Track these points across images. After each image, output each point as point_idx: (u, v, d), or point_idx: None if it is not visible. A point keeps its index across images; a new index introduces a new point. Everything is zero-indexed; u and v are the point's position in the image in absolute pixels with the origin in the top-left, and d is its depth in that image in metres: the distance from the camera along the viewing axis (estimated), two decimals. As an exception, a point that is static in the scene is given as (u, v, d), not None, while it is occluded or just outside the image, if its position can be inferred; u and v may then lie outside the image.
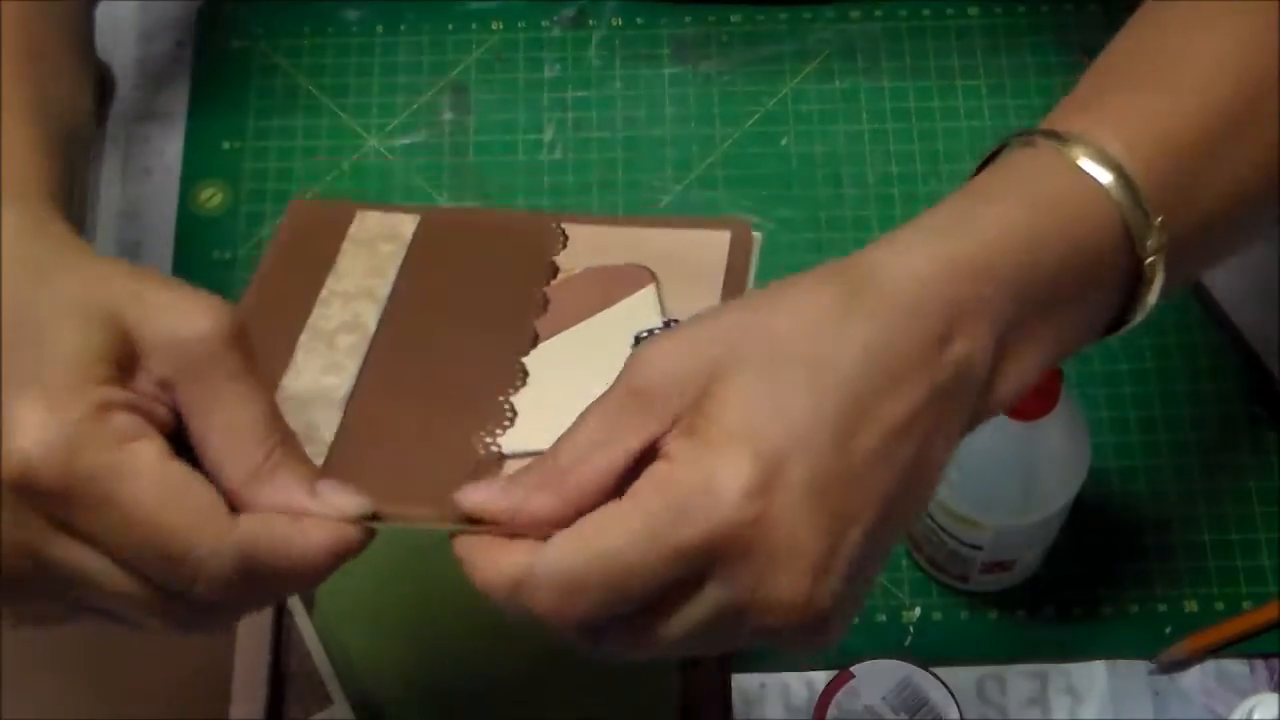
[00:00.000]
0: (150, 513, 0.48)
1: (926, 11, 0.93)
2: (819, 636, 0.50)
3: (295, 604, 0.75)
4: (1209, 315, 0.84)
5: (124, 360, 0.49)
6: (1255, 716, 0.72)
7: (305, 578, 0.51)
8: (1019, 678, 0.77)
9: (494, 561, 0.52)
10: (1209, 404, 0.82)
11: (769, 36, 0.93)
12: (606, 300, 0.63)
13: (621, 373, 0.51)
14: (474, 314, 0.64)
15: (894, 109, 0.90)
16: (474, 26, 0.93)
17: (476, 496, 0.52)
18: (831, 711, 0.72)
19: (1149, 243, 0.54)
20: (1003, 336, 0.52)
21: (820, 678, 0.76)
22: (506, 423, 0.60)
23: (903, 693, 0.73)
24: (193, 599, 0.50)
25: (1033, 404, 0.65)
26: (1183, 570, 0.79)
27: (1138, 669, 0.77)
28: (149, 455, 0.48)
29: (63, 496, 0.47)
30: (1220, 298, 0.83)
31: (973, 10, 0.93)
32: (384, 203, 0.86)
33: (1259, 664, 0.77)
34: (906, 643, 0.78)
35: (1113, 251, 0.54)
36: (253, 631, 0.74)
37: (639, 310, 0.63)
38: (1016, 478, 0.70)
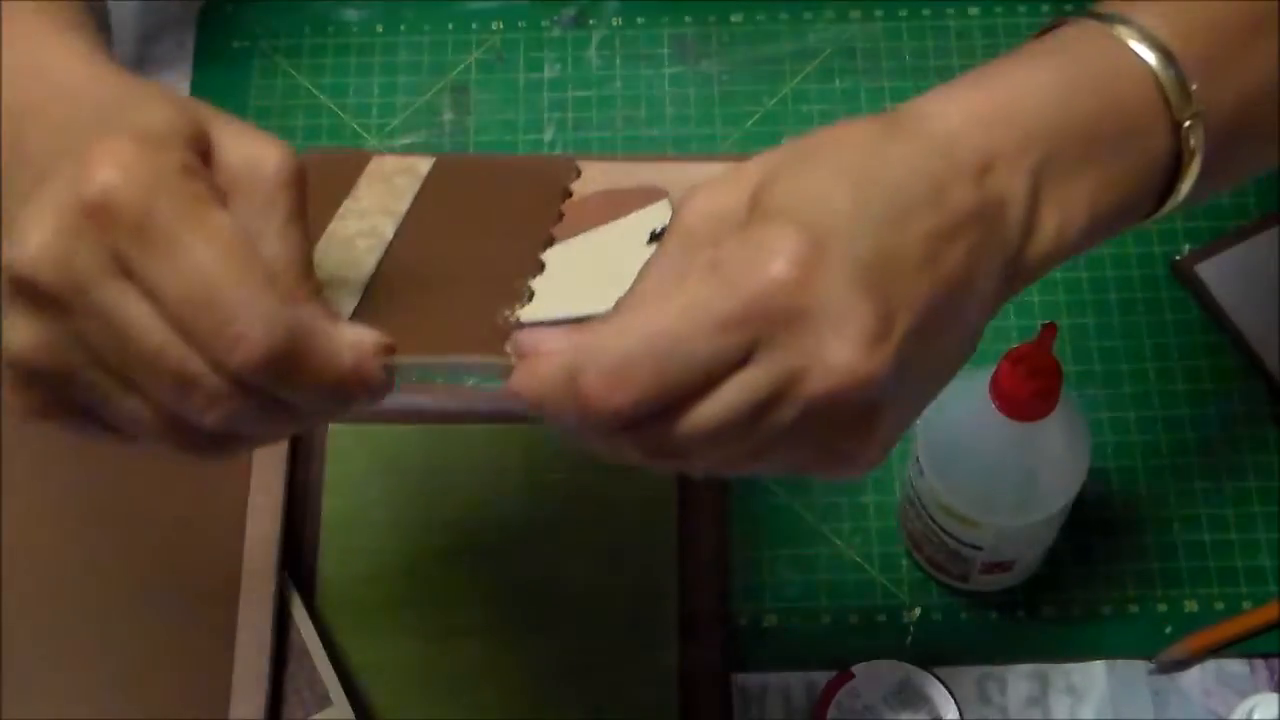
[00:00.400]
0: (214, 268, 0.47)
1: (926, 11, 0.93)
2: (864, 433, 0.50)
3: (295, 604, 0.75)
4: (1209, 315, 0.84)
5: (203, 159, 0.50)
6: (1255, 716, 0.72)
7: (324, 393, 0.50)
8: (1019, 678, 0.77)
9: (548, 354, 0.50)
10: (1209, 404, 0.82)
11: (769, 36, 0.93)
12: (619, 211, 0.63)
13: (671, 222, 0.51)
14: (490, 226, 0.63)
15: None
16: (474, 26, 0.93)
17: (536, 337, 0.50)
18: (831, 711, 0.72)
19: (1186, 110, 0.55)
20: (1038, 178, 0.52)
21: (820, 678, 0.76)
22: (526, 301, 0.59)
23: (903, 693, 0.73)
24: (215, 393, 0.49)
25: (1033, 404, 0.65)
26: (1183, 570, 0.79)
27: (1138, 669, 0.77)
28: (224, 220, 0.48)
29: (136, 229, 0.47)
30: (1220, 298, 0.83)
31: (973, 10, 0.93)
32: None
33: (1259, 664, 0.77)
34: (906, 643, 0.78)
35: (1149, 113, 0.55)
36: (253, 631, 0.74)
37: (654, 215, 0.62)
38: (1016, 478, 0.70)
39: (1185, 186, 0.57)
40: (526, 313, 0.58)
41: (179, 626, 0.75)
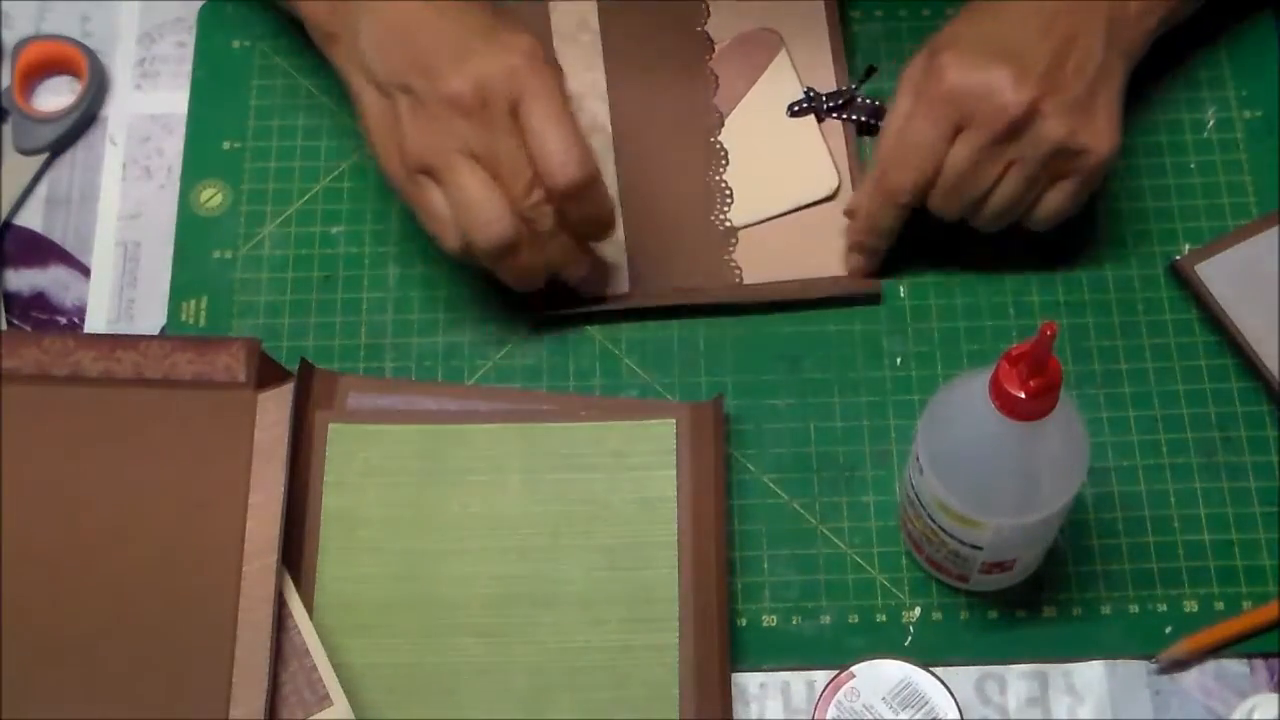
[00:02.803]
0: (570, 126, 0.76)
1: (926, 11, 0.93)
2: (1068, 125, 0.78)
3: (295, 604, 0.75)
4: (1208, 315, 0.84)
5: None
6: (1255, 716, 0.73)
7: (597, 223, 0.80)
8: (1019, 678, 0.77)
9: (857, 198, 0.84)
10: (1209, 404, 0.82)
11: (769, 36, 0.93)
12: (755, 68, 0.90)
13: (920, 90, 0.80)
14: (672, 103, 0.89)
15: (894, 109, 0.90)
16: (474, 26, 0.93)
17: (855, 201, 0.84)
18: (831, 711, 0.72)
19: None
20: None
21: (820, 677, 0.76)
22: (729, 201, 0.87)
23: (903, 693, 0.73)
24: (543, 204, 0.76)
25: (1033, 404, 0.65)
26: (1183, 570, 0.79)
27: (1138, 669, 0.77)
28: (566, 98, 0.78)
29: (534, 89, 0.76)
30: (1219, 298, 0.83)
31: (973, 10, 0.93)
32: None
33: (1259, 664, 0.77)
34: (906, 643, 0.78)
35: None
36: (253, 631, 0.74)
37: (781, 79, 0.90)
38: (1016, 478, 0.70)
39: None
40: (736, 216, 0.86)
41: (179, 626, 0.75)
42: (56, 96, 0.93)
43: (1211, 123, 0.90)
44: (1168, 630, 0.78)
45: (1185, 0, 0.84)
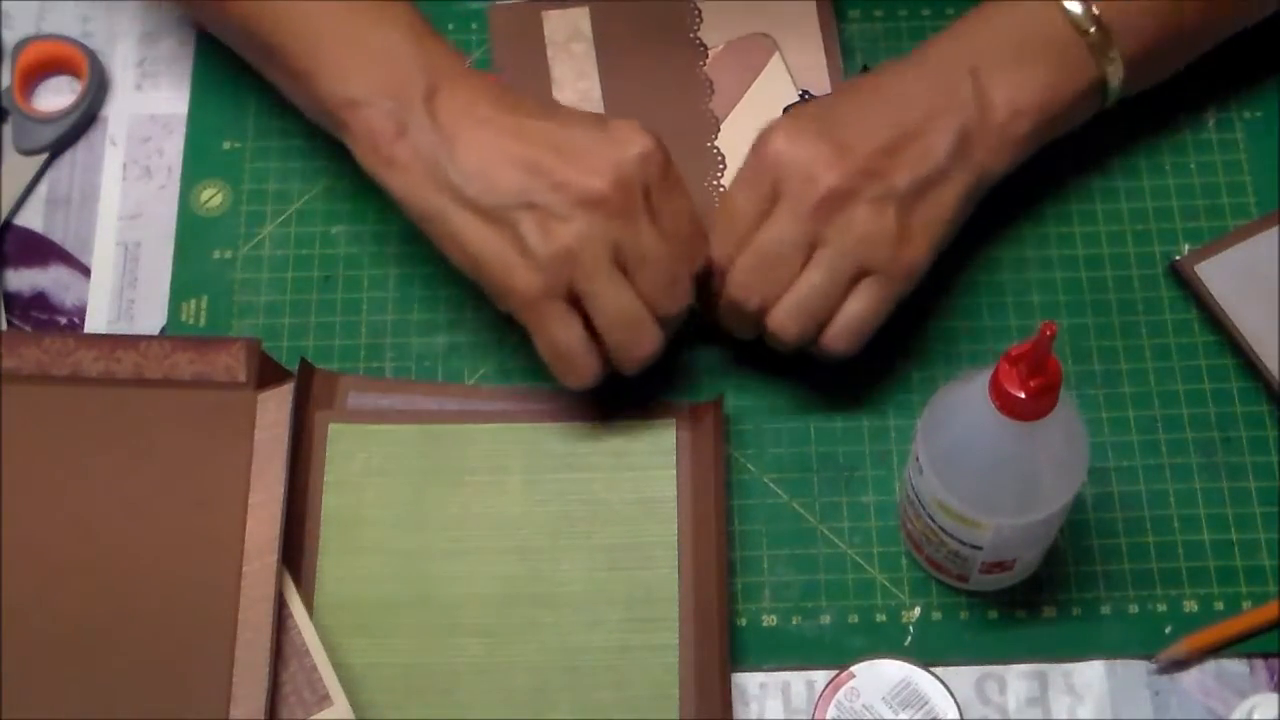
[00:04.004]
0: (692, 203, 0.77)
1: (926, 11, 0.93)
2: (874, 224, 0.75)
3: (295, 604, 0.75)
4: (1208, 315, 0.84)
5: None
6: (1255, 716, 0.73)
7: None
8: (1019, 678, 0.77)
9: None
10: (1209, 404, 0.83)
11: (769, 36, 0.93)
12: (750, 73, 0.90)
13: (749, 156, 0.77)
14: (667, 110, 0.88)
15: (894, 109, 0.90)
16: (474, 26, 0.93)
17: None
18: (831, 711, 0.72)
19: (1104, 44, 0.79)
20: (976, 71, 0.78)
21: (820, 677, 0.76)
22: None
23: (903, 693, 0.73)
24: (685, 288, 0.76)
25: (1032, 404, 0.65)
26: (1183, 570, 0.79)
27: (1137, 669, 0.77)
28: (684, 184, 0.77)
29: (663, 171, 0.75)
30: (1219, 298, 0.83)
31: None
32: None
33: (1259, 664, 0.77)
34: (906, 643, 0.78)
35: (1071, 40, 0.79)
36: (253, 631, 0.74)
37: (776, 82, 0.89)
38: (1016, 478, 0.70)
39: (1112, 90, 0.81)
40: None
41: (179, 626, 0.75)
42: (56, 96, 0.93)
43: (1211, 123, 0.90)
44: (1167, 630, 0.78)
45: (1065, 110, 0.80)
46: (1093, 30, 0.79)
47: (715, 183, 0.87)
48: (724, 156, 0.88)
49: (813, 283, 0.75)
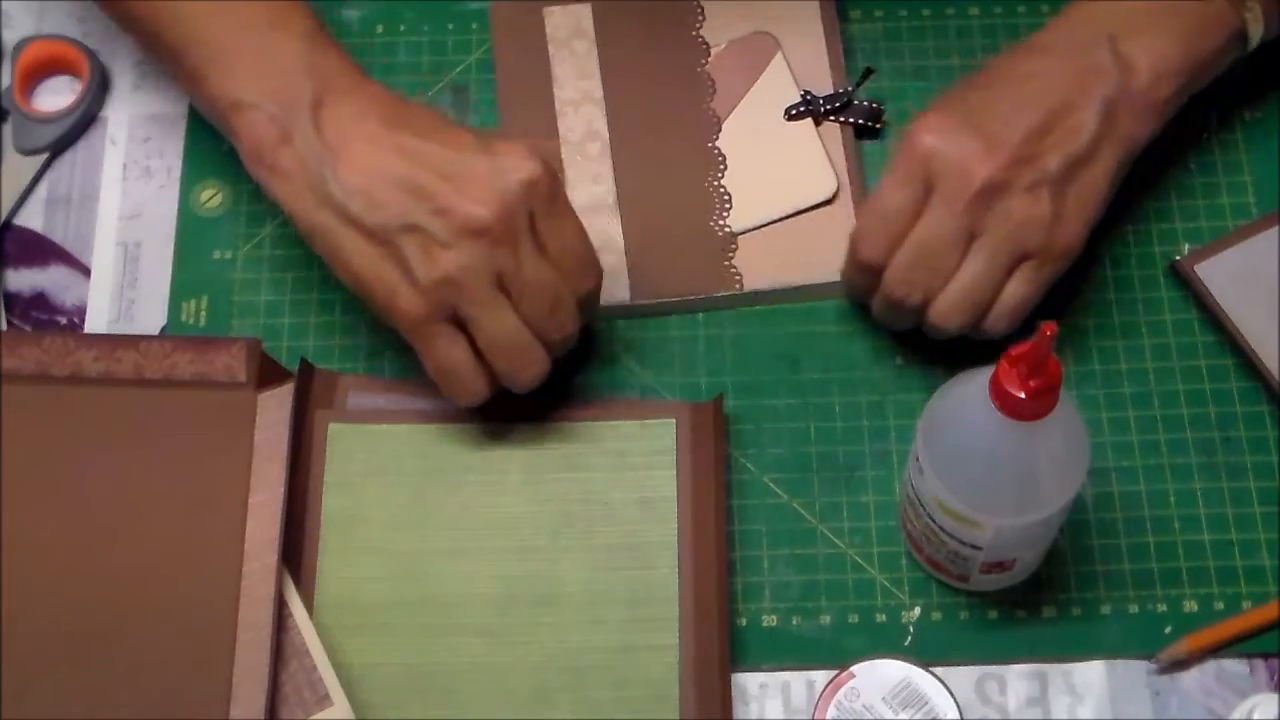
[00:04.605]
0: (581, 225, 0.76)
1: (926, 11, 0.93)
2: (1032, 208, 0.75)
3: (295, 604, 0.75)
4: (1208, 315, 0.84)
5: None
6: (1255, 716, 0.72)
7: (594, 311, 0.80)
8: (1019, 678, 0.77)
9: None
10: (1209, 404, 0.82)
11: (769, 36, 0.93)
12: (752, 72, 0.89)
13: (897, 153, 0.77)
14: (669, 109, 0.89)
15: (894, 109, 0.90)
16: (474, 26, 0.93)
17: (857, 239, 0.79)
18: (831, 711, 0.72)
19: None
20: (1114, 37, 0.78)
21: (820, 677, 0.76)
22: (728, 206, 0.86)
23: (903, 693, 0.73)
24: (570, 310, 0.75)
25: (1032, 404, 0.65)
26: (1183, 570, 0.79)
27: (1137, 669, 0.77)
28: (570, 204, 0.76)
29: (549, 197, 0.74)
30: (1219, 298, 0.83)
31: (973, 10, 0.93)
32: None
33: (1259, 664, 0.77)
34: (906, 643, 0.78)
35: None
36: (253, 631, 0.74)
37: (778, 82, 0.89)
38: (1016, 478, 0.70)
39: (1254, 37, 0.81)
40: (736, 222, 0.86)
41: (179, 626, 0.75)
42: (56, 96, 0.93)
43: (1211, 123, 0.90)
44: (1167, 630, 0.78)
45: (1207, 67, 0.81)
46: None
47: (716, 183, 0.87)
48: (725, 156, 0.87)
49: (975, 273, 0.76)
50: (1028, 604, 0.78)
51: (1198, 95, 0.87)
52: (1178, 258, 0.85)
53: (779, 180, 0.87)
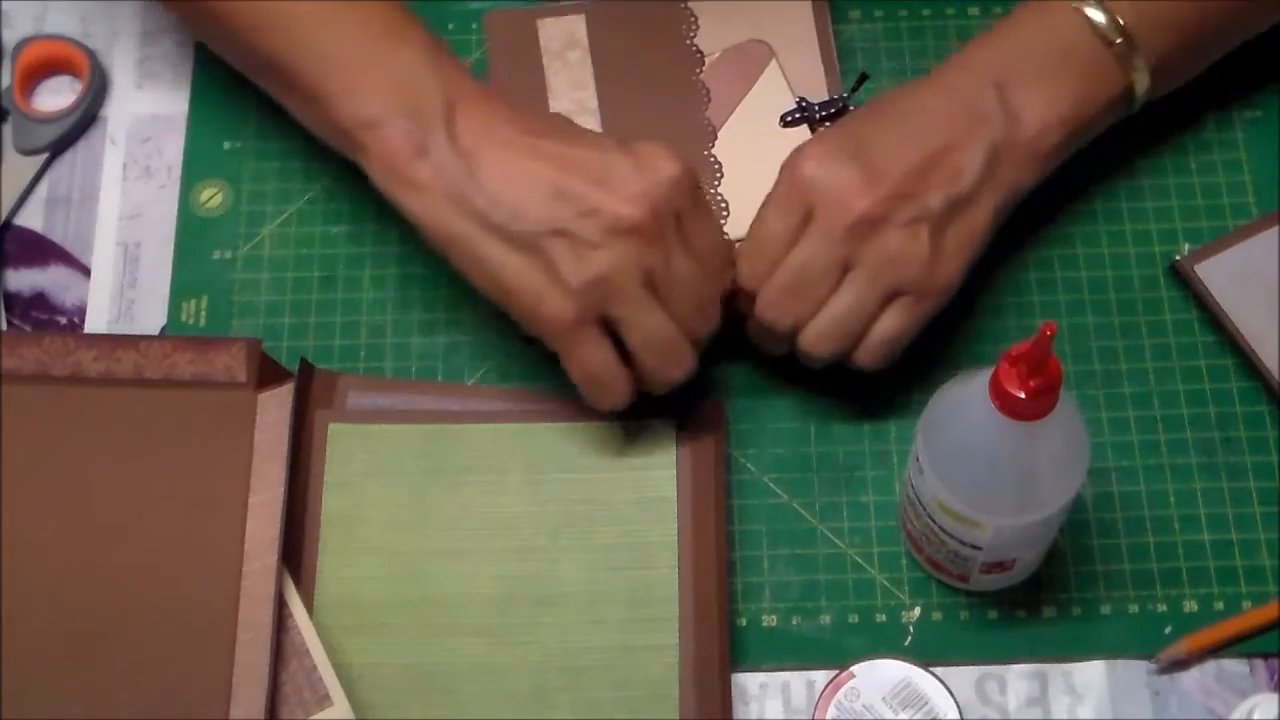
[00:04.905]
0: (720, 227, 0.78)
1: (926, 11, 0.93)
2: (908, 245, 0.75)
3: (295, 604, 0.75)
4: (1208, 315, 0.84)
5: None
6: (1255, 716, 0.73)
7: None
8: (1019, 678, 0.77)
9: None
10: (1208, 404, 0.83)
11: (769, 36, 0.93)
12: (746, 80, 0.89)
13: (780, 179, 0.77)
14: (664, 119, 0.88)
15: (894, 109, 0.90)
16: (474, 26, 0.93)
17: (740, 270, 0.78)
18: (831, 711, 0.72)
19: (1130, 51, 0.79)
20: (1002, 85, 0.78)
21: (820, 677, 0.76)
22: (725, 214, 0.86)
23: (903, 693, 0.73)
24: (715, 309, 0.77)
25: (1032, 404, 0.65)
26: (1183, 570, 0.79)
27: (1137, 669, 0.77)
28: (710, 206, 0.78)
29: (693, 195, 0.75)
30: (1219, 298, 0.83)
31: (973, 10, 0.93)
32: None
33: (1259, 664, 0.77)
34: (906, 643, 0.78)
35: (1095, 49, 0.79)
36: (253, 631, 0.74)
37: (773, 90, 0.89)
38: (1016, 478, 0.70)
39: (1139, 97, 0.82)
40: (733, 229, 0.84)
41: (179, 626, 0.75)
42: (56, 96, 0.93)
43: (1211, 123, 0.90)
44: (1167, 630, 0.78)
45: (1093, 121, 0.81)
46: (1119, 40, 0.79)
47: (713, 192, 0.86)
48: (721, 165, 0.87)
49: (846, 303, 0.75)
50: (1028, 604, 0.78)
51: (1196, 94, 0.87)
52: (1178, 258, 0.85)
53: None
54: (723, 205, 0.86)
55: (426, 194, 0.74)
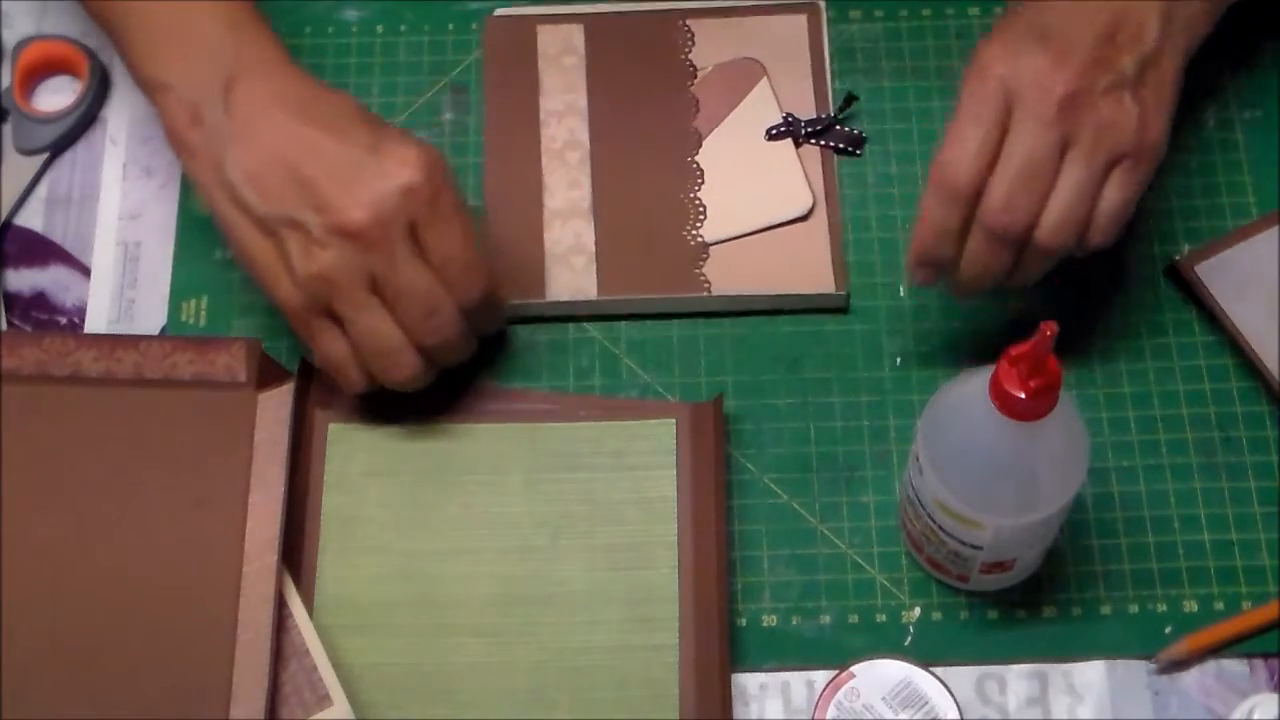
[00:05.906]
0: (470, 232, 0.75)
1: (926, 11, 0.93)
2: (1112, 109, 0.74)
3: (295, 604, 0.75)
4: (1208, 316, 0.84)
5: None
6: (1255, 716, 0.73)
7: (495, 319, 0.81)
8: (1019, 678, 0.77)
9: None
10: (1209, 404, 0.83)
11: (769, 36, 0.93)
12: (736, 95, 0.90)
13: (968, 88, 0.75)
14: (651, 124, 0.89)
15: (894, 109, 0.90)
16: (474, 26, 0.93)
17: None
18: (831, 711, 0.72)
19: None
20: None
21: (820, 677, 0.76)
22: (702, 217, 0.86)
23: (903, 693, 0.73)
24: (449, 316, 0.75)
25: (1032, 404, 0.65)
26: (1182, 570, 0.79)
27: (1137, 669, 0.77)
28: (464, 211, 0.76)
29: (430, 204, 0.73)
30: (1219, 298, 0.83)
31: (973, 10, 0.93)
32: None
33: (1259, 664, 0.77)
34: (906, 643, 0.78)
35: None
36: (253, 631, 0.74)
37: (761, 105, 0.89)
38: (1016, 478, 0.70)
39: None
40: (709, 232, 0.86)
41: (179, 626, 0.75)
42: (56, 96, 0.93)
43: (1211, 123, 0.90)
44: (1167, 630, 0.78)
45: None
46: None
47: (693, 195, 0.87)
48: (703, 171, 0.87)
49: (1074, 182, 0.74)
50: (1028, 604, 0.78)
51: (1197, 94, 0.87)
52: (1178, 258, 0.85)
53: (755, 195, 0.87)
54: (701, 208, 0.86)
55: (195, 160, 0.76)
